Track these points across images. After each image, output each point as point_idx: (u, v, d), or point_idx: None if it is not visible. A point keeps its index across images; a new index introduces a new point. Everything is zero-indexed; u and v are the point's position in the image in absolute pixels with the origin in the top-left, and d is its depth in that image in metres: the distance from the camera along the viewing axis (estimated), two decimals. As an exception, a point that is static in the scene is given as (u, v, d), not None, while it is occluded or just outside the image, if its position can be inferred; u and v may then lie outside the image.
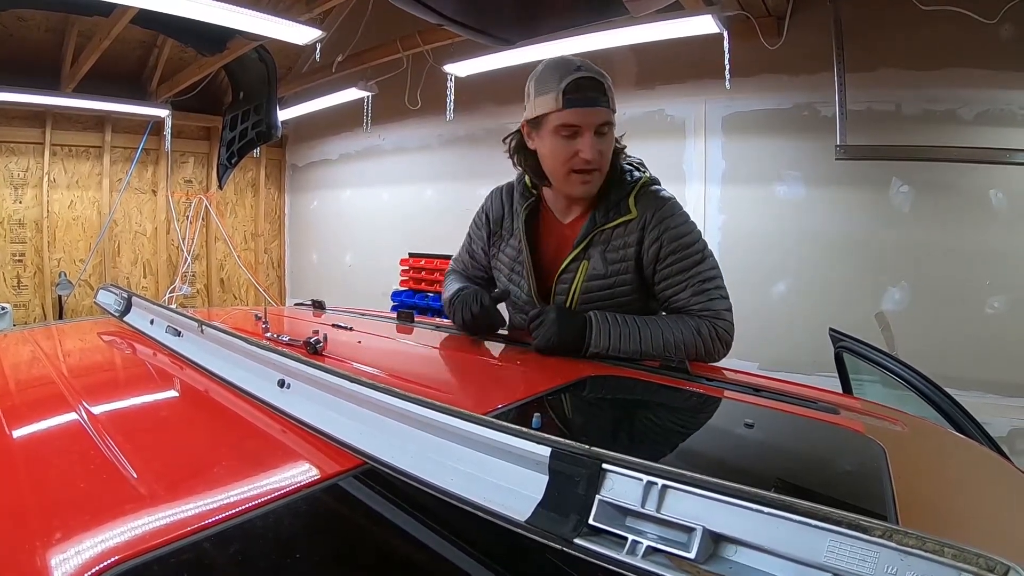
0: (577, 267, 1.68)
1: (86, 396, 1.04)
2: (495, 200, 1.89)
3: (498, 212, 1.87)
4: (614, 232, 1.65)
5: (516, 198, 1.82)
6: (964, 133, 3.65)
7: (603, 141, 1.59)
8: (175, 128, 6.85)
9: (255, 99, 5.69)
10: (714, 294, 1.63)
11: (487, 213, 1.90)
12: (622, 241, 1.65)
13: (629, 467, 0.60)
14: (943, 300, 3.79)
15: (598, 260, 1.66)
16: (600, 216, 1.66)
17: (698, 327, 1.58)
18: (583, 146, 1.56)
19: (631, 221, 1.64)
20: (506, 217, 1.86)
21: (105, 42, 5.01)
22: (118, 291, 1.74)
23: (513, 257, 1.82)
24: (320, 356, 1.33)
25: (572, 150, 1.58)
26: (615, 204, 1.66)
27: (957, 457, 1.18)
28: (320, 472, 0.76)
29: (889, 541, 0.46)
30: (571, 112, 1.55)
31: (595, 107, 1.55)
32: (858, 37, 3.82)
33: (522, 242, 1.77)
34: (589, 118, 1.55)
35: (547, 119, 1.59)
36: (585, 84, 1.54)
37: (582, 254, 1.68)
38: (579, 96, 1.54)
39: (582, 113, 1.55)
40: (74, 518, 0.63)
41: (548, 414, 1.08)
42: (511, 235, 1.83)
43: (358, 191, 7.31)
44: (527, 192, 1.80)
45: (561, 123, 1.57)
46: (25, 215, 6.38)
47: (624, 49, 4.58)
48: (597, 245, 1.67)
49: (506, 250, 1.85)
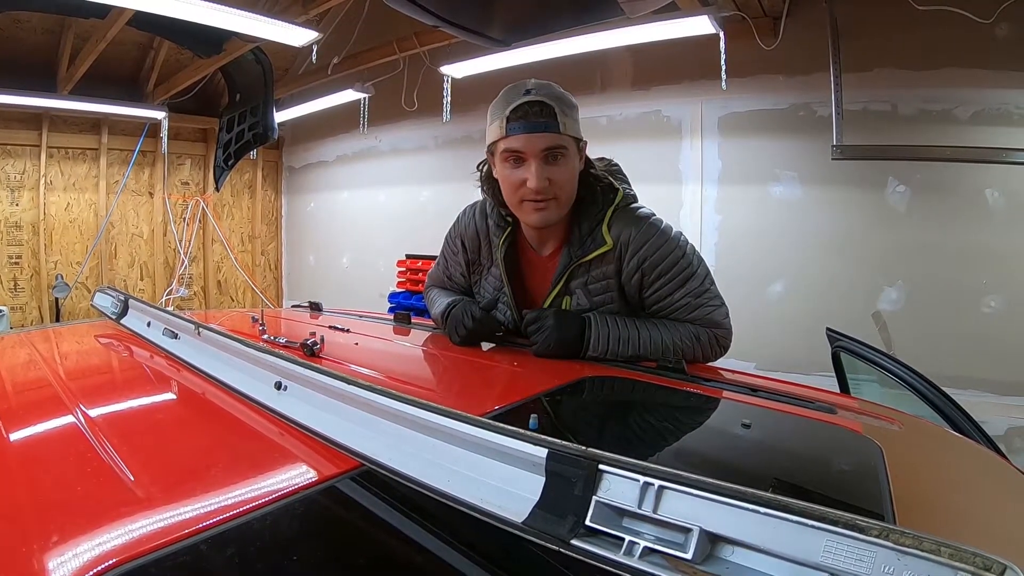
0: (561, 303, 1.66)
1: (83, 399, 1.04)
2: (469, 224, 1.82)
3: (473, 240, 1.81)
4: (592, 264, 1.62)
5: (491, 228, 1.75)
6: (960, 133, 3.65)
7: (555, 168, 1.52)
8: (172, 130, 6.84)
9: (252, 101, 5.70)
10: (708, 307, 1.60)
11: (462, 239, 1.83)
12: (600, 272, 1.62)
13: (626, 468, 0.60)
14: (940, 299, 3.80)
15: (581, 295, 1.64)
16: (575, 250, 1.62)
17: (697, 333, 1.58)
18: (528, 173, 1.50)
19: (607, 252, 1.59)
20: (483, 244, 1.79)
21: (101, 44, 5.01)
22: (115, 293, 1.74)
23: (496, 287, 1.78)
24: (317, 358, 1.33)
25: (520, 178, 1.53)
26: (589, 234, 1.61)
27: (954, 456, 1.18)
28: (317, 474, 0.76)
29: (886, 541, 0.47)
30: (513, 139, 1.50)
31: (540, 132, 1.49)
32: (854, 37, 3.82)
33: (503, 278, 1.73)
34: (532, 144, 1.49)
35: (496, 146, 1.56)
36: (531, 109, 1.49)
37: (564, 289, 1.65)
38: (523, 122, 1.49)
39: (524, 139, 1.49)
40: (71, 521, 0.63)
41: (545, 415, 1.08)
42: (491, 263, 1.78)
43: (355, 193, 7.31)
44: (502, 222, 1.72)
45: (505, 149, 1.53)
46: (22, 217, 6.36)
47: (620, 50, 4.58)
48: (578, 278, 1.64)
49: (488, 279, 1.81)
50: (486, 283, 1.81)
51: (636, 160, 1.83)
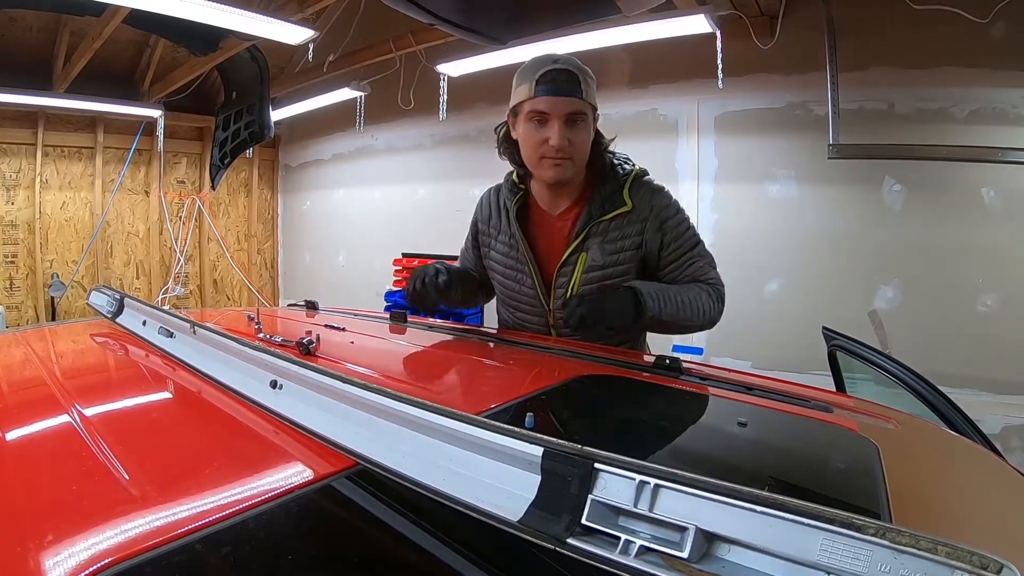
0: (576, 259, 1.74)
1: (78, 398, 1.03)
2: (483, 203, 1.98)
3: (485, 213, 1.95)
4: (611, 224, 1.72)
5: (505, 194, 1.88)
6: (956, 132, 3.66)
7: (575, 131, 1.66)
8: (168, 128, 6.83)
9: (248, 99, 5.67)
10: (707, 267, 1.78)
11: (476, 217, 2.00)
12: (619, 233, 1.72)
13: (622, 466, 0.59)
14: (936, 298, 3.81)
15: (596, 252, 1.73)
16: (596, 209, 1.73)
17: (709, 292, 1.75)
18: (551, 132, 1.63)
19: (627, 213, 1.72)
20: (493, 216, 1.91)
21: (97, 42, 4.99)
22: (110, 292, 1.73)
23: (506, 253, 1.86)
24: (313, 357, 1.33)
25: (543, 136, 1.66)
26: (609, 196, 1.73)
27: (950, 455, 1.18)
28: (312, 473, 0.76)
29: (883, 539, 0.46)
30: (541, 100, 1.63)
31: (565, 96, 1.63)
32: (850, 36, 3.83)
33: (518, 235, 1.81)
34: (558, 106, 1.63)
35: (521, 107, 1.69)
36: (559, 75, 1.63)
37: (580, 246, 1.73)
38: (550, 85, 1.62)
39: (551, 101, 1.63)
40: (66, 520, 0.62)
41: (541, 414, 1.08)
42: (500, 232, 1.88)
43: (351, 191, 7.30)
44: (515, 188, 1.86)
45: (532, 109, 1.66)
46: (17, 216, 6.34)
47: (617, 49, 4.57)
48: (595, 237, 1.73)
49: (497, 247, 1.89)
50: (495, 252, 1.91)
51: (633, 158, 1.85)
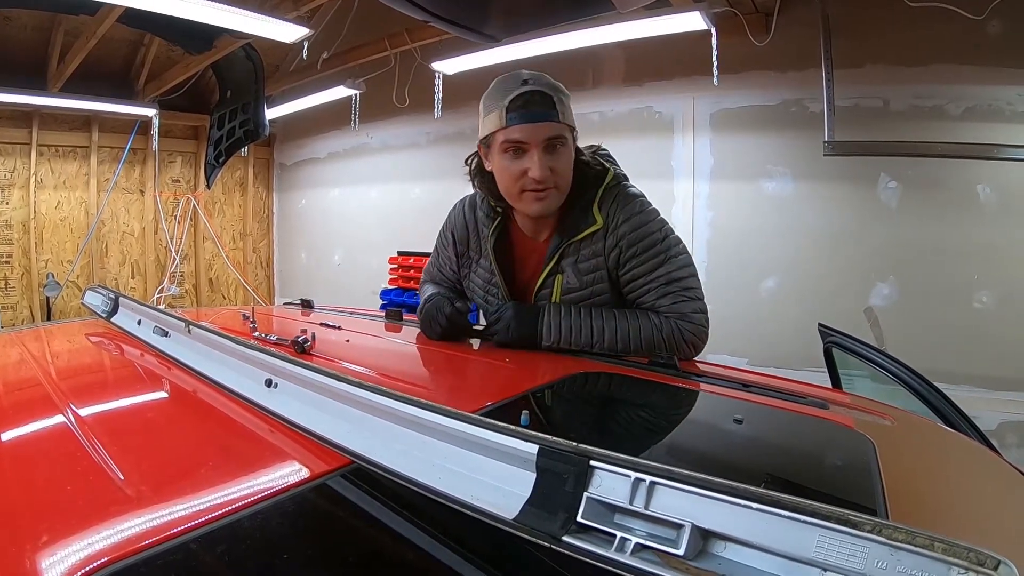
0: (552, 282, 1.66)
1: (73, 398, 1.03)
2: (458, 218, 1.83)
3: (462, 232, 1.81)
4: (582, 243, 1.62)
5: (480, 217, 1.76)
6: (952, 129, 3.67)
7: (555, 157, 1.53)
8: (162, 127, 6.80)
9: (243, 98, 5.67)
10: (680, 296, 1.57)
11: (452, 233, 1.84)
12: (591, 251, 1.62)
13: (617, 464, 0.59)
14: (931, 295, 3.82)
15: (571, 274, 1.64)
16: (568, 229, 1.63)
17: (660, 326, 1.54)
18: (531, 163, 1.50)
19: (598, 230, 1.60)
20: (472, 237, 1.79)
21: (91, 41, 4.98)
22: (105, 292, 1.73)
23: (486, 279, 1.77)
24: (308, 355, 1.33)
25: (521, 168, 1.53)
26: (581, 213, 1.62)
27: (946, 451, 1.19)
28: (308, 471, 0.76)
29: (879, 536, 0.46)
30: (515, 129, 1.50)
31: (541, 122, 1.50)
32: (846, 33, 3.83)
33: (493, 267, 1.73)
34: (535, 134, 1.50)
35: (494, 138, 1.55)
36: (531, 99, 1.49)
37: (555, 268, 1.65)
38: (523, 111, 1.49)
39: (526, 129, 1.50)
40: (61, 521, 0.62)
41: (536, 411, 1.08)
42: (480, 255, 1.78)
43: (346, 190, 7.30)
44: (492, 212, 1.72)
45: (506, 140, 1.52)
46: (12, 216, 6.33)
47: (612, 46, 4.57)
48: (569, 257, 1.64)
49: (477, 271, 1.80)
50: (475, 276, 1.81)
51: (628, 156, 1.83)
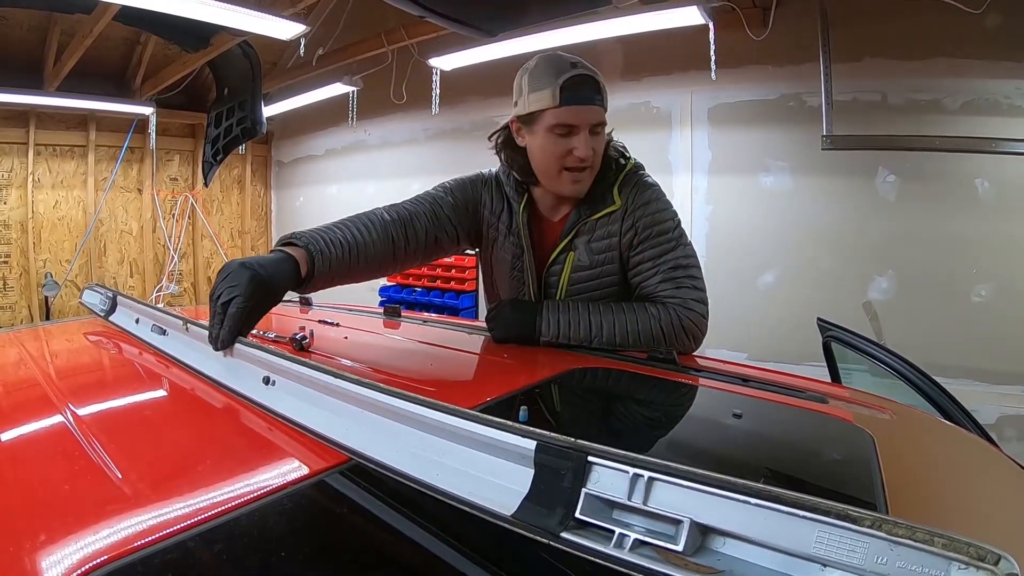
0: (564, 259, 1.68)
1: (71, 397, 1.03)
2: (484, 193, 1.80)
3: (492, 204, 1.79)
4: (598, 223, 1.64)
5: (510, 194, 1.76)
6: (950, 122, 3.67)
7: (596, 140, 1.56)
8: (160, 126, 6.79)
9: (240, 95, 5.65)
10: (685, 282, 1.59)
11: (480, 202, 1.80)
12: (606, 231, 1.64)
13: (615, 459, 0.59)
14: (930, 289, 3.82)
15: (583, 252, 1.66)
16: (585, 208, 1.65)
17: (659, 316, 1.54)
18: (579, 144, 1.53)
19: (615, 211, 1.63)
20: (503, 213, 1.79)
21: (88, 40, 4.96)
22: (103, 291, 1.73)
23: (515, 255, 1.77)
24: (306, 352, 1.33)
25: (566, 148, 1.54)
26: (600, 195, 1.64)
27: (946, 445, 1.19)
28: (306, 469, 0.76)
29: (879, 531, 0.46)
30: (568, 110, 1.52)
31: (591, 106, 1.53)
32: (844, 27, 3.83)
33: (525, 242, 1.73)
34: (585, 117, 1.52)
35: (542, 116, 1.55)
36: (582, 82, 1.52)
37: (569, 246, 1.67)
38: (576, 94, 1.51)
39: (579, 111, 1.52)
40: (59, 520, 0.62)
41: (534, 407, 1.08)
42: (510, 232, 1.77)
43: (344, 186, 7.28)
44: (520, 188, 1.73)
45: (557, 121, 1.53)
46: (10, 216, 6.31)
47: (610, 40, 4.57)
48: (582, 236, 1.66)
49: (506, 246, 1.79)
50: (501, 251, 1.79)
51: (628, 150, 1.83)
